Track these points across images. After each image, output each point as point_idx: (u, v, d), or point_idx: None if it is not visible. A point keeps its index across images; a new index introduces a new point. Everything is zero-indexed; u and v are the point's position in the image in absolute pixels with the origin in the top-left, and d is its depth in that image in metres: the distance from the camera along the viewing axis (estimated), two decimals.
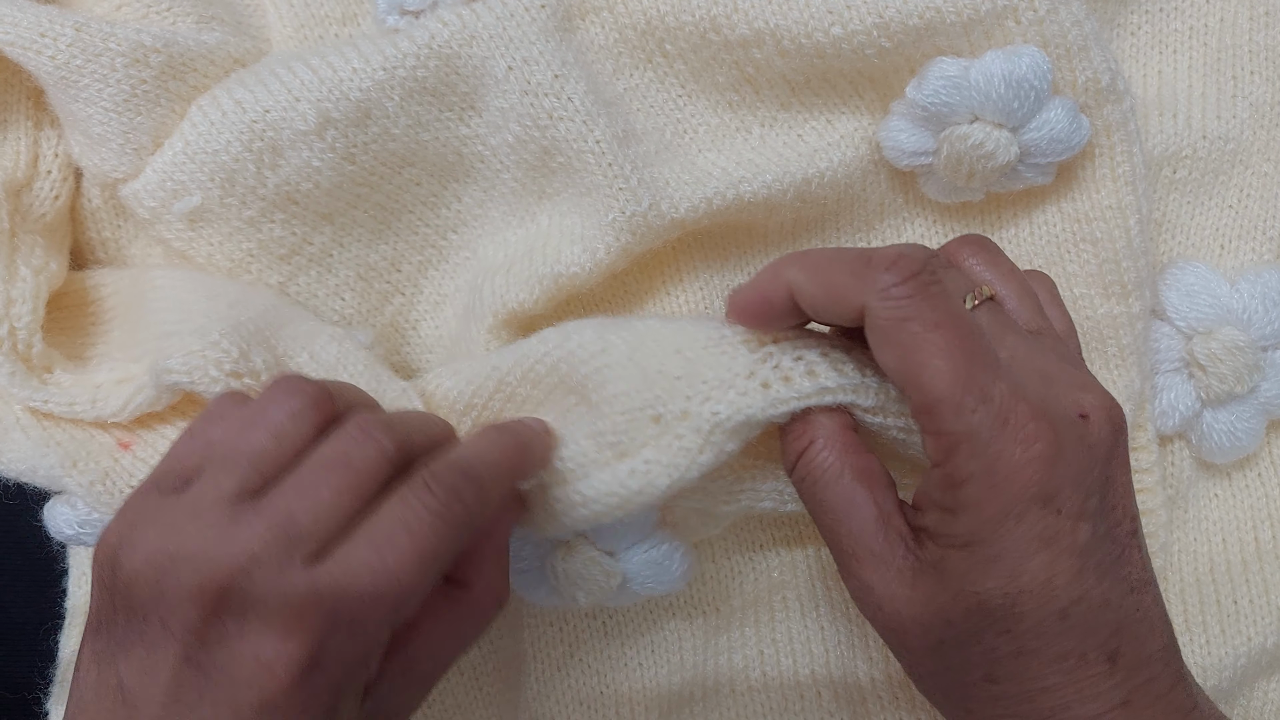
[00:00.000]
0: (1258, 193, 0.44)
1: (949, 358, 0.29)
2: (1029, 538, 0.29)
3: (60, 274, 0.42)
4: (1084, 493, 0.29)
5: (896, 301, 0.30)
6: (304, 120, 0.39)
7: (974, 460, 0.29)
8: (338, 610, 0.28)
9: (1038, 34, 0.38)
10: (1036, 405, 0.29)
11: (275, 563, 0.27)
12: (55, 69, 0.39)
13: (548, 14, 0.40)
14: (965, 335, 0.29)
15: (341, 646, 0.28)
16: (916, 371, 0.29)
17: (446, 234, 0.44)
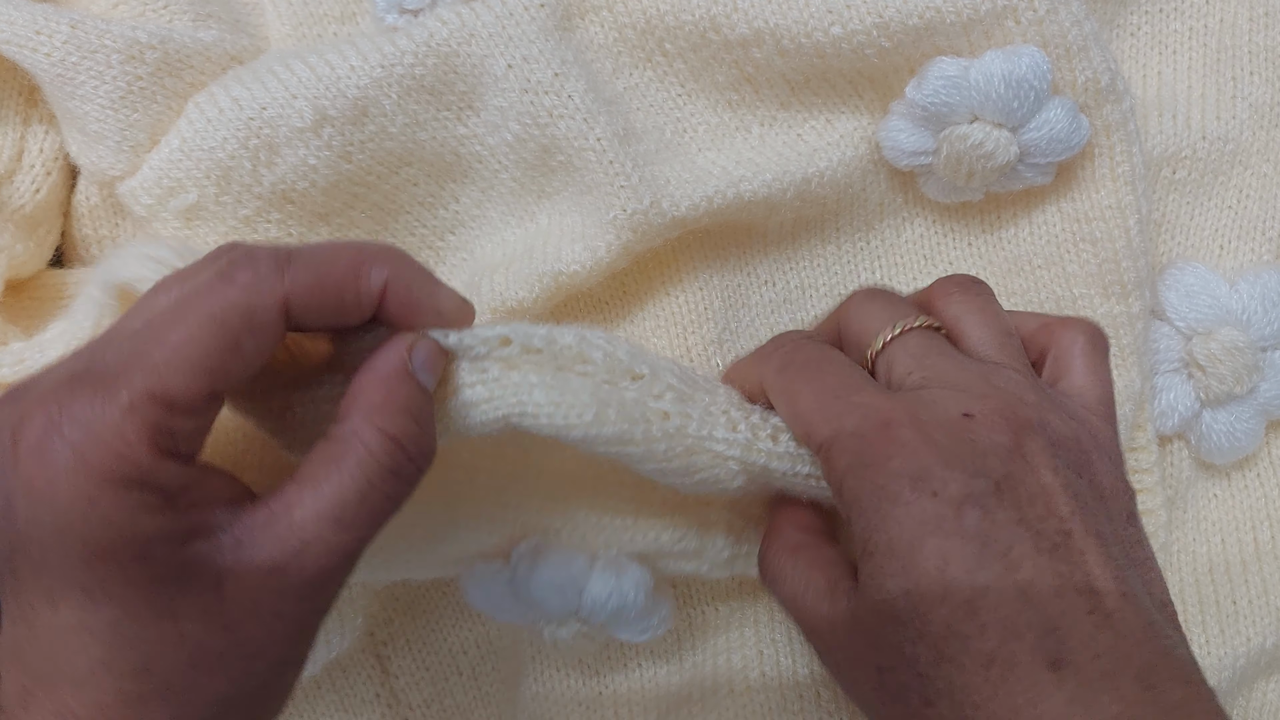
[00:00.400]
0: (1257, 193, 0.44)
1: (813, 385, 0.33)
2: (911, 522, 0.29)
3: (28, 259, 0.42)
4: (965, 476, 0.29)
5: (774, 362, 0.34)
6: (300, 118, 0.39)
7: (844, 456, 0.30)
8: (83, 377, 0.26)
9: (1037, 34, 0.38)
10: (906, 405, 0.31)
11: (65, 362, 0.27)
12: (51, 66, 0.39)
13: (547, 13, 0.40)
14: (828, 364, 0.33)
15: (82, 406, 0.25)
16: (793, 403, 0.33)
17: (444, 235, 0.44)
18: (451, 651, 0.45)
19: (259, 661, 0.28)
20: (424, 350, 0.30)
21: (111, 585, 0.25)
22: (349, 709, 0.45)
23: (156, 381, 0.26)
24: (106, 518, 0.25)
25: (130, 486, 0.25)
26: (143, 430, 0.25)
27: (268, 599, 0.27)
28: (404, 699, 0.45)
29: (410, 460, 0.29)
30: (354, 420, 0.28)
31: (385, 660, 0.45)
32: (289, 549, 0.27)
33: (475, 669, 0.46)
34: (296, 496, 0.27)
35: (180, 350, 0.26)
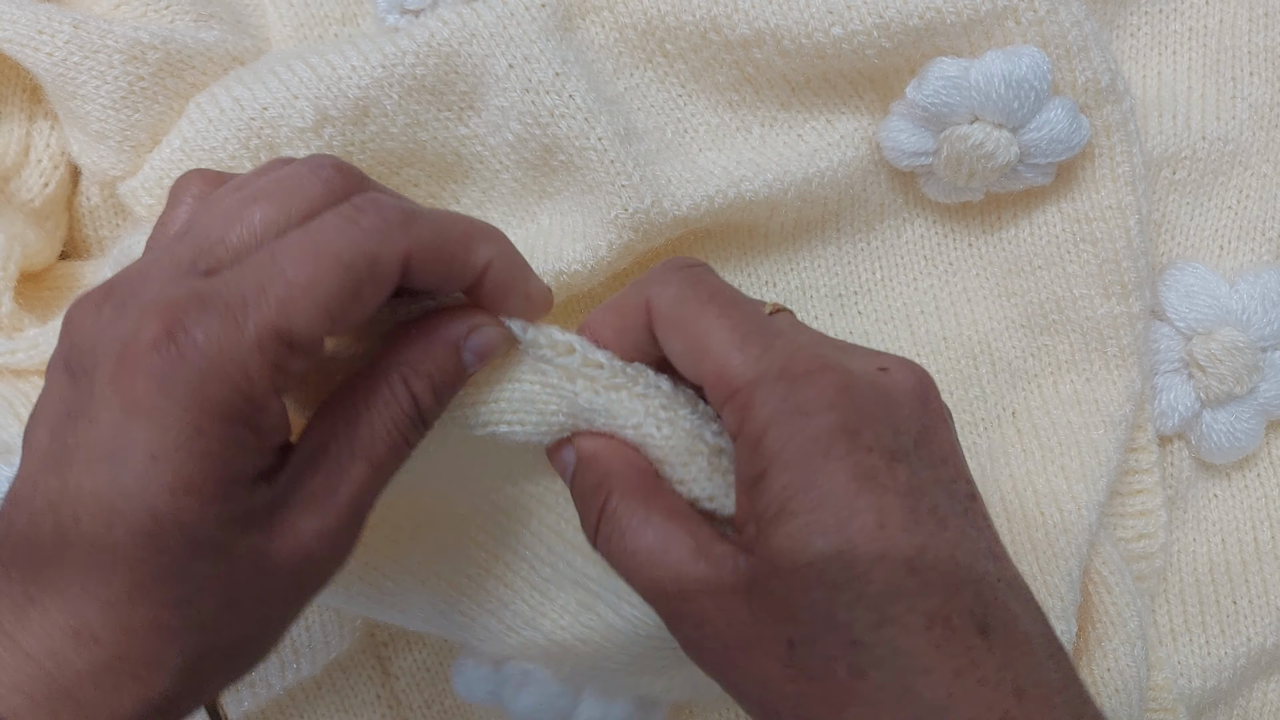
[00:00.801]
0: (1257, 194, 0.44)
1: (726, 320, 0.29)
2: (845, 476, 0.26)
3: (40, 247, 0.42)
4: (892, 431, 0.27)
5: (673, 287, 0.30)
6: (302, 118, 0.39)
7: (768, 405, 0.27)
8: (209, 299, 0.25)
9: (1038, 34, 0.38)
10: (831, 352, 0.29)
11: (170, 267, 0.26)
12: (53, 66, 0.39)
13: (548, 13, 0.40)
14: (738, 302, 0.30)
15: (209, 331, 0.25)
16: (700, 339, 0.29)
17: None
18: (452, 652, 0.45)
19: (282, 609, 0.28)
20: (485, 336, 0.30)
21: (184, 516, 0.25)
22: (349, 709, 0.45)
23: (284, 318, 0.25)
24: (206, 451, 0.25)
25: (239, 421, 0.25)
26: (265, 367, 0.25)
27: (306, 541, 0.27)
28: (404, 699, 0.45)
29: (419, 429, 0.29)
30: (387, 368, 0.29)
31: (385, 661, 0.45)
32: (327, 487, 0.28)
33: None
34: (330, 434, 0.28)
35: (309, 290, 0.26)
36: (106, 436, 0.25)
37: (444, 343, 0.30)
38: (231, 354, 0.25)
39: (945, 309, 0.44)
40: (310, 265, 0.26)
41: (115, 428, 0.25)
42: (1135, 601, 0.42)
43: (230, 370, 0.25)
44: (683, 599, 0.28)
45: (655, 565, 0.29)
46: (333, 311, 0.26)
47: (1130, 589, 0.42)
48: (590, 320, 0.32)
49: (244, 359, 0.25)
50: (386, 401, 0.29)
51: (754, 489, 0.28)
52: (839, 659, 0.26)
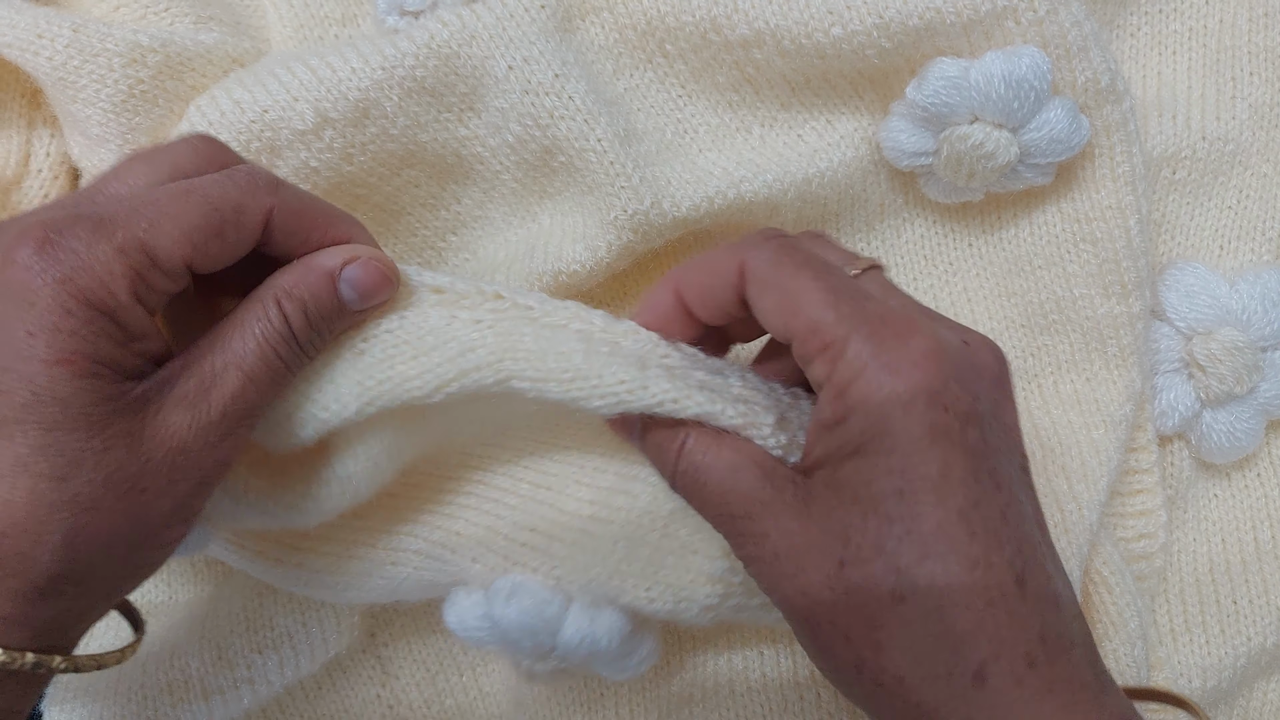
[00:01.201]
0: (1257, 194, 0.44)
1: (820, 283, 0.31)
2: (920, 428, 0.29)
3: None
4: (970, 397, 0.30)
5: (768, 252, 0.32)
6: (302, 120, 0.39)
7: (859, 358, 0.30)
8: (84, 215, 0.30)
9: (1037, 34, 0.38)
10: (919, 316, 0.31)
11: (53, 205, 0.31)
12: (53, 70, 0.39)
13: (548, 14, 0.40)
14: (831, 270, 0.32)
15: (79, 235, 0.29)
16: (794, 299, 0.31)
17: (446, 236, 0.44)
18: (451, 652, 0.46)
19: (157, 499, 0.31)
20: (363, 267, 0.33)
21: (59, 390, 0.29)
22: (349, 709, 0.45)
23: (149, 236, 0.30)
24: (74, 330, 0.29)
25: (103, 313, 0.29)
26: (127, 270, 0.29)
27: (177, 432, 0.31)
28: (404, 699, 0.45)
29: (293, 347, 0.32)
30: (262, 291, 0.32)
31: (386, 661, 0.45)
32: (200, 388, 0.31)
33: (475, 669, 0.46)
34: (209, 347, 0.32)
35: (175, 218, 0.30)
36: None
37: (318, 270, 0.33)
38: (98, 255, 0.29)
39: (945, 309, 0.44)
40: (181, 200, 0.30)
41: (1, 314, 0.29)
42: (1135, 601, 0.42)
43: (96, 268, 0.29)
44: (748, 516, 0.31)
45: (725, 489, 0.32)
46: (194, 240, 0.30)
47: (1130, 589, 0.42)
48: (679, 276, 0.34)
49: (108, 261, 0.29)
50: (259, 318, 0.32)
51: (832, 430, 0.30)
52: (883, 582, 0.29)
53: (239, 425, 0.32)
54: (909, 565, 0.29)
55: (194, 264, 0.31)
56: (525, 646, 0.38)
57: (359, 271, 0.33)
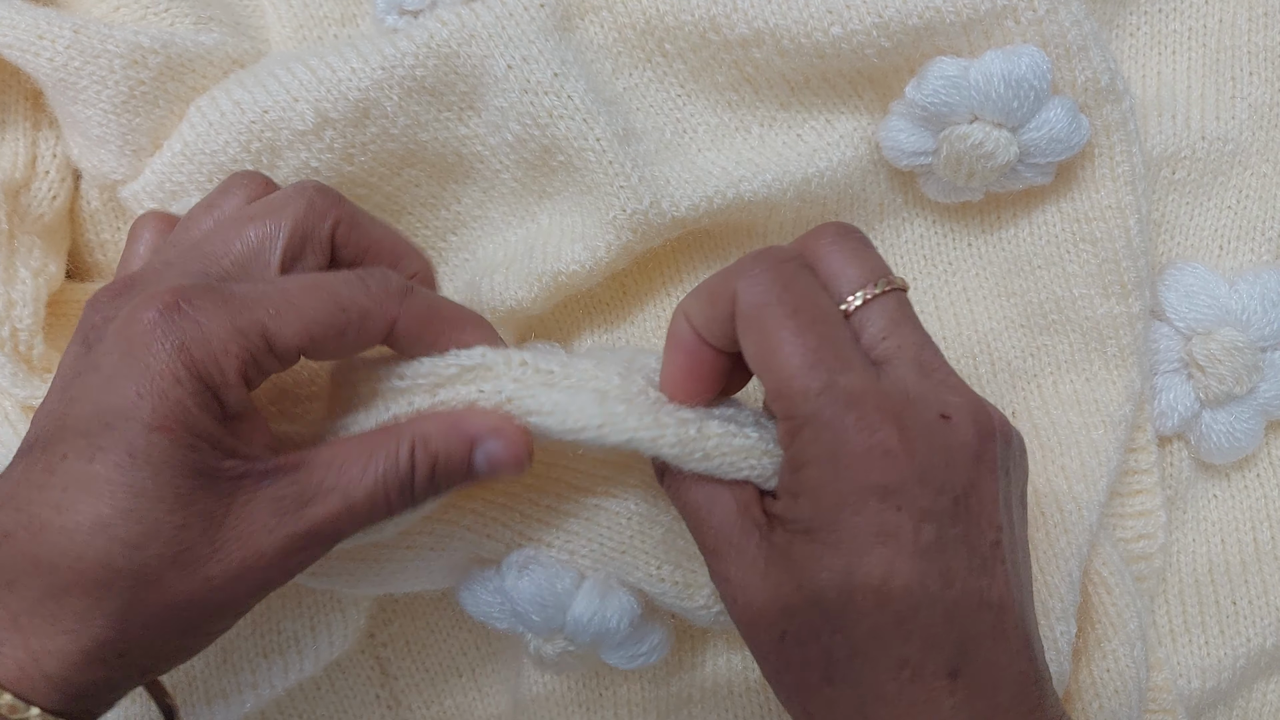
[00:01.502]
0: (1257, 194, 0.44)
1: (800, 341, 0.30)
2: (867, 531, 0.28)
3: (59, 276, 0.42)
4: (933, 492, 0.29)
5: (760, 286, 0.31)
6: (302, 120, 0.39)
7: (815, 444, 0.29)
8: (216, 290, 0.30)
9: (1037, 34, 0.38)
10: (892, 397, 0.29)
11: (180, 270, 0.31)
12: (53, 71, 0.39)
13: (547, 13, 0.40)
14: (819, 322, 0.30)
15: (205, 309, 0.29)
16: (770, 354, 0.30)
17: (446, 235, 0.44)
18: (451, 652, 0.46)
19: (219, 591, 0.30)
20: (505, 446, 0.32)
21: (155, 455, 0.28)
22: (349, 710, 0.45)
23: (272, 324, 0.30)
24: (180, 400, 0.29)
25: (209, 388, 0.29)
26: (242, 351, 0.29)
27: (260, 533, 0.30)
28: (404, 700, 0.45)
29: (407, 496, 0.32)
30: (403, 429, 0.32)
31: (385, 662, 0.45)
32: (298, 497, 0.30)
33: (475, 670, 0.46)
34: (325, 462, 0.31)
35: (302, 311, 0.30)
36: (104, 377, 0.29)
37: (461, 432, 0.32)
38: (218, 331, 0.29)
39: (945, 309, 0.44)
40: (311, 295, 0.31)
41: (112, 369, 0.29)
42: (1135, 602, 0.42)
43: (213, 343, 0.29)
44: (717, 553, 0.32)
45: (704, 519, 0.32)
46: (315, 335, 0.30)
47: (1130, 589, 0.42)
48: (686, 306, 0.33)
49: (226, 337, 0.29)
50: (387, 454, 0.31)
51: (787, 498, 0.31)
52: (815, 665, 0.30)
53: (318, 548, 0.31)
54: (840, 658, 0.29)
55: (308, 355, 0.31)
56: (535, 621, 0.38)
57: (499, 448, 0.32)
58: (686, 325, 0.33)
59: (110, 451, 0.28)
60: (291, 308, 0.30)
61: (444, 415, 0.33)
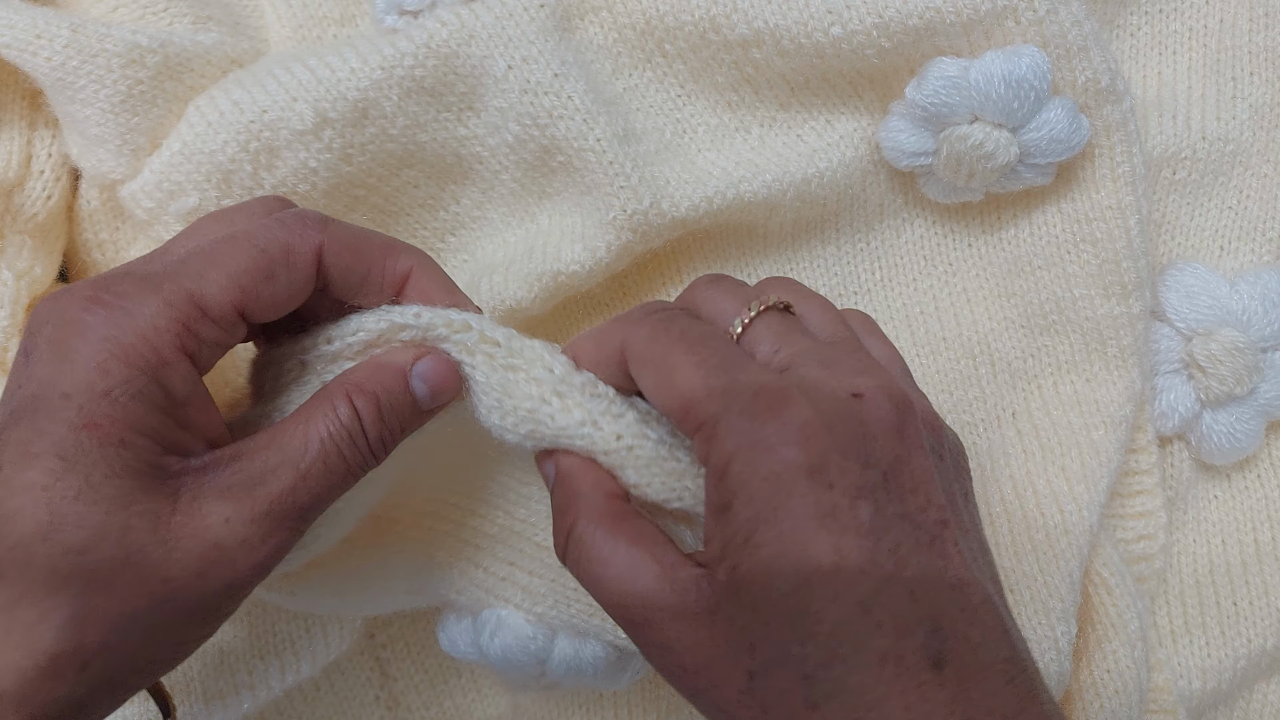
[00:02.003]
0: (1257, 194, 0.44)
1: (694, 357, 0.29)
2: (805, 515, 0.27)
3: (44, 279, 0.42)
4: (860, 465, 0.28)
5: (646, 328, 0.31)
6: (301, 120, 0.39)
7: (732, 438, 0.28)
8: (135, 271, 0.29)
9: (1037, 34, 0.38)
10: (794, 383, 0.29)
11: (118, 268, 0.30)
12: (51, 70, 0.39)
13: (547, 13, 0.40)
14: (708, 339, 0.30)
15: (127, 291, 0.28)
16: (668, 376, 0.29)
17: (445, 236, 0.44)
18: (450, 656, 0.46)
19: (181, 591, 0.28)
20: (434, 361, 0.32)
21: (87, 457, 0.27)
22: (349, 709, 0.45)
23: (196, 286, 0.29)
24: (110, 391, 0.27)
25: (144, 371, 0.28)
26: (174, 323, 0.28)
27: (216, 526, 0.29)
28: (403, 701, 0.45)
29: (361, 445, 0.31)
30: (332, 386, 0.31)
31: (385, 663, 0.45)
32: (246, 482, 0.29)
33: (474, 670, 0.46)
34: (265, 443, 0.30)
35: (222, 265, 0.29)
36: (35, 385, 0.28)
37: (390, 366, 0.31)
38: (143, 309, 0.28)
39: (945, 309, 0.44)
40: (227, 246, 0.30)
41: (44, 373, 0.28)
42: (1135, 603, 0.42)
43: (139, 322, 0.28)
44: (648, 624, 0.29)
45: (621, 590, 0.29)
46: (243, 284, 0.29)
47: (1130, 590, 0.42)
48: (573, 349, 0.33)
49: (154, 314, 0.28)
50: (325, 413, 0.30)
51: (722, 516, 0.28)
52: (794, 692, 0.27)
53: (283, 528, 0.30)
54: (816, 670, 0.27)
55: (246, 310, 0.30)
56: (511, 676, 0.39)
57: (431, 367, 0.32)
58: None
59: (42, 457, 0.27)
60: (212, 264, 0.29)
61: (368, 360, 0.32)
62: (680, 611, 0.28)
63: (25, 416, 0.28)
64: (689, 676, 0.29)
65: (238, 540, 0.29)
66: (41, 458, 0.27)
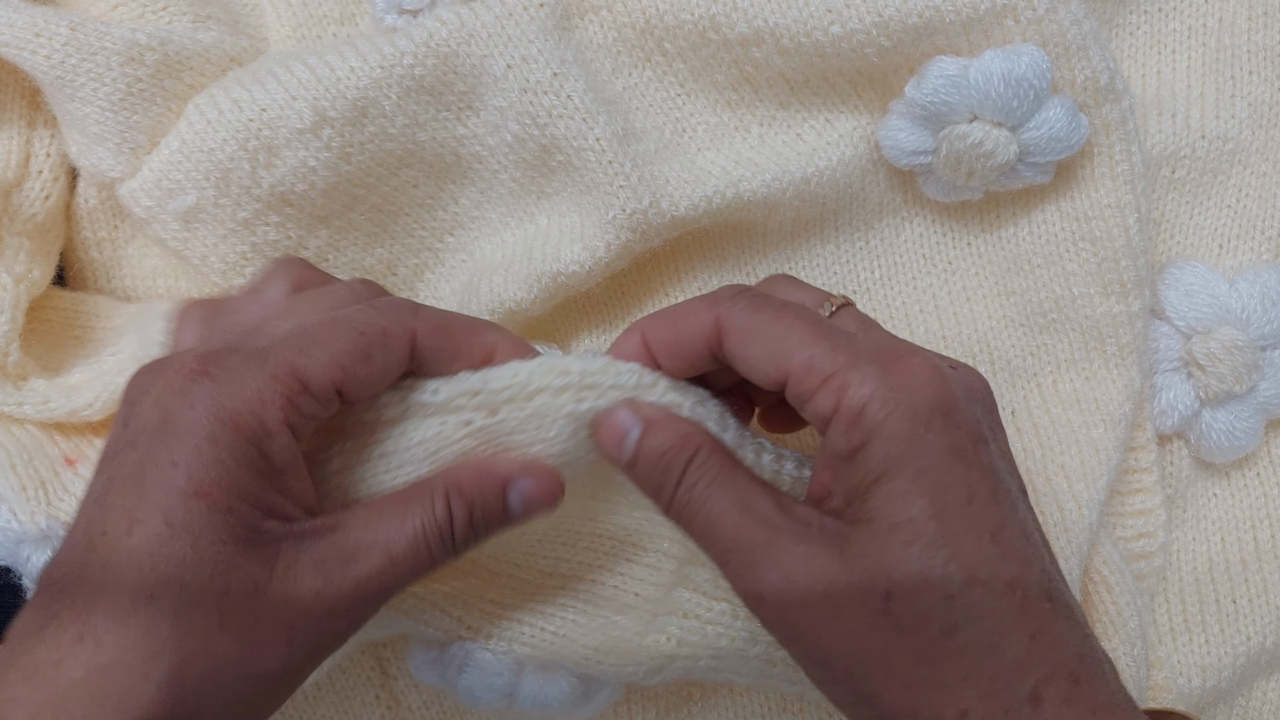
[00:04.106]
0: (1256, 192, 0.44)
1: (803, 320, 0.31)
2: (941, 448, 0.29)
3: (42, 281, 0.42)
4: (974, 416, 0.30)
5: (744, 304, 0.32)
6: (300, 119, 0.39)
7: (865, 384, 0.29)
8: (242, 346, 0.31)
9: (1037, 33, 0.38)
10: (910, 347, 0.31)
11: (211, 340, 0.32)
12: (51, 69, 0.39)
13: (546, 12, 0.40)
14: (809, 311, 0.32)
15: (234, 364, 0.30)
16: (783, 341, 0.31)
17: (444, 236, 0.44)
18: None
19: (270, 655, 0.29)
20: (536, 482, 0.33)
21: (195, 523, 0.28)
22: (349, 710, 0.45)
23: (300, 362, 0.30)
24: (218, 459, 0.28)
25: (250, 441, 0.29)
26: (279, 396, 0.29)
27: (307, 597, 0.30)
28: (404, 700, 0.45)
29: (448, 544, 0.32)
30: (435, 481, 0.32)
31: (385, 662, 0.45)
32: (340, 558, 0.30)
33: None
34: (362, 521, 0.31)
35: (324, 345, 0.30)
36: (140, 454, 0.29)
37: (492, 475, 0.32)
38: (250, 381, 0.29)
39: (944, 308, 0.44)
40: (329, 328, 0.31)
41: (148, 445, 0.29)
42: (1135, 601, 0.42)
43: (247, 394, 0.29)
44: (768, 548, 0.30)
45: (741, 516, 0.30)
46: (343, 364, 0.30)
47: (1130, 588, 0.42)
48: (646, 326, 0.34)
49: (260, 387, 0.29)
50: (423, 507, 0.32)
51: (849, 461, 0.30)
52: (933, 615, 0.28)
53: (367, 607, 0.31)
54: (958, 589, 0.28)
55: (344, 388, 0.31)
56: (480, 707, 0.39)
57: (531, 486, 0.33)
58: (639, 348, 0.33)
59: (147, 524, 0.28)
60: (315, 343, 0.30)
61: (473, 463, 0.33)
62: (804, 538, 0.30)
63: (131, 483, 0.29)
64: (811, 608, 0.29)
65: (324, 611, 0.30)
66: (147, 524, 0.28)
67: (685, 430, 0.32)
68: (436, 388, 0.33)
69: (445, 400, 0.33)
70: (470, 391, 0.33)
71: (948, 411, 0.29)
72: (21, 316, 0.39)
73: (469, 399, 0.33)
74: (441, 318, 0.33)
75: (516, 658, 0.38)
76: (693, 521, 0.31)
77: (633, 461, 0.32)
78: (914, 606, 0.28)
